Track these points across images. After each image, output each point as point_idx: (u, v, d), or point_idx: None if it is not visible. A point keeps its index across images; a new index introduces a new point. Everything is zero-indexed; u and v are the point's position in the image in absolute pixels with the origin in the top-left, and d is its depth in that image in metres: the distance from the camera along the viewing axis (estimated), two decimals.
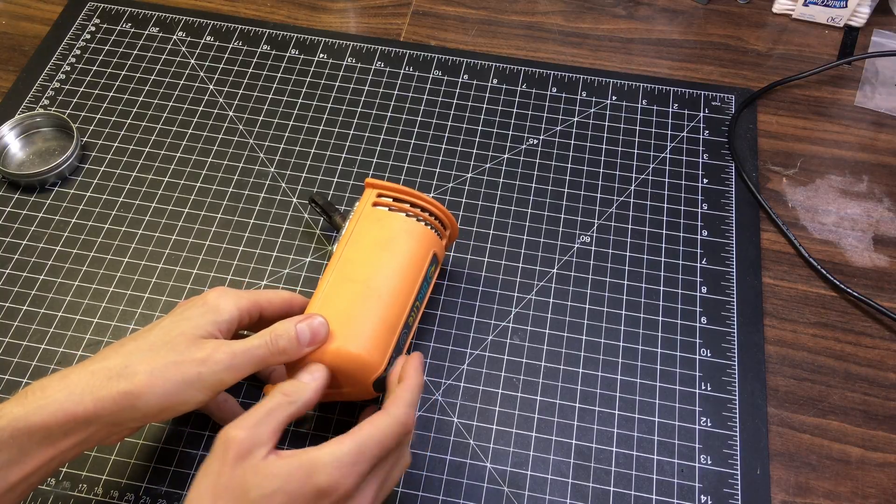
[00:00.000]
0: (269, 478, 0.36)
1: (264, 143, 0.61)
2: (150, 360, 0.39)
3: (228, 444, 0.36)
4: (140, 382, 0.38)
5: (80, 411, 0.37)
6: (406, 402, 0.40)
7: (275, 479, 0.36)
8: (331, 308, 0.43)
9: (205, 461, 0.37)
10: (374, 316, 0.43)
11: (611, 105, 0.64)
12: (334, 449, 0.37)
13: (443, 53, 0.67)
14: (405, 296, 0.45)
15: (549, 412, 0.49)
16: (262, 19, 0.69)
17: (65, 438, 0.38)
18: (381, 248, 0.46)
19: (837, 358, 0.52)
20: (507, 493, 0.47)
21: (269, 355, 0.40)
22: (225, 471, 0.36)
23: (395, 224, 0.47)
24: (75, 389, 0.38)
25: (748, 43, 0.68)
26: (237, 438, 0.36)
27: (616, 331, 0.53)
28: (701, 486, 0.47)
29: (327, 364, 0.41)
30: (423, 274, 0.46)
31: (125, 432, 0.41)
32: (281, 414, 0.38)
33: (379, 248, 0.46)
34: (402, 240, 0.46)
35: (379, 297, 0.44)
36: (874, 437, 0.49)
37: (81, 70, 0.65)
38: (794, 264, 0.56)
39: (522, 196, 0.59)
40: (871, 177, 0.60)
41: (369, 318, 0.43)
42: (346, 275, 0.45)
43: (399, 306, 0.44)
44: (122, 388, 0.38)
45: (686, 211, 0.58)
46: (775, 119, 0.64)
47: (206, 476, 0.36)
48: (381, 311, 0.43)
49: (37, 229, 0.57)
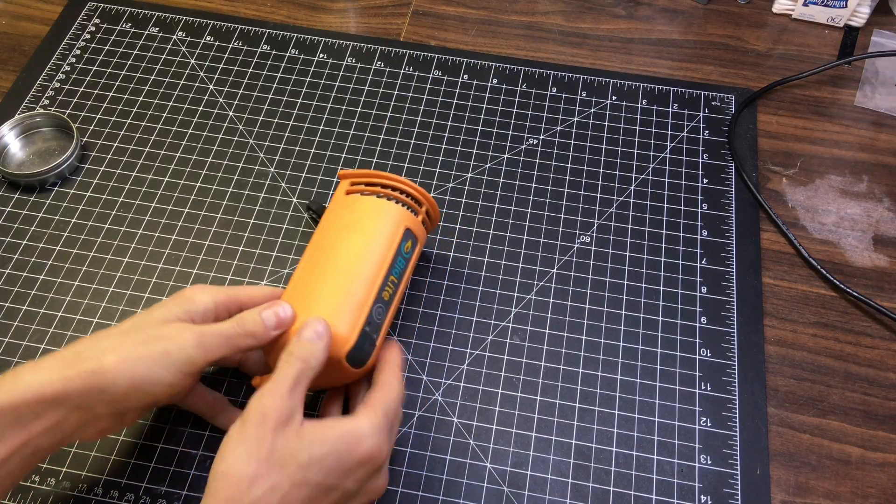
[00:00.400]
0: (318, 443, 0.38)
1: (264, 143, 0.61)
2: (119, 342, 0.40)
3: (266, 412, 0.37)
4: (107, 361, 0.39)
5: (48, 392, 0.38)
6: (394, 368, 0.44)
7: (324, 444, 0.38)
8: (297, 293, 0.44)
9: (235, 430, 0.37)
10: (338, 290, 0.44)
11: (611, 105, 0.64)
12: (371, 418, 0.40)
13: (443, 53, 0.67)
14: (373, 270, 0.45)
15: (548, 412, 0.50)
16: (262, 19, 0.69)
17: (35, 421, 0.38)
18: (349, 229, 0.46)
19: (837, 358, 0.52)
20: (507, 493, 0.47)
21: (236, 336, 0.41)
22: (267, 436, 0.37)
23: (364, 206, 0.47)
24: (45, 372, 0.38)
25: (748, 43, 0.68)
26: (275, 407, 0.37)
27: (616, 331, 0.53)
28: (701, 486, 0.47)
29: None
30: (395, 248, 0.46)
31: (101, 423, 0.41)
32: (304, 379, 0.39)
33: (347, 230, 0.46)
34: (370, 218, 0.47)
35: (344, 272, 0.44)
36: (874, 437, 0.49)
37: (81, 70, 0.65)
38: (794, 264, 0.56)
39: (522, 196, 0.59)
40: (871, 177, 0.60)
41: (333, 293, 0.43)
42: (315, 260, 0.45)
43: (366, 280, 0.44)
44: (89, 368, 0.38)
45: (686, 211, 0.58)
46: (775, 119, 0.64)
47: (242, 442, 0.37)
48: (346, 284, 0.44)
49: (37, 229, 0.57)
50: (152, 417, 0.49)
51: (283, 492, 0.36)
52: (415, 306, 0.53)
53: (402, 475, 0.47)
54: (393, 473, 0.47)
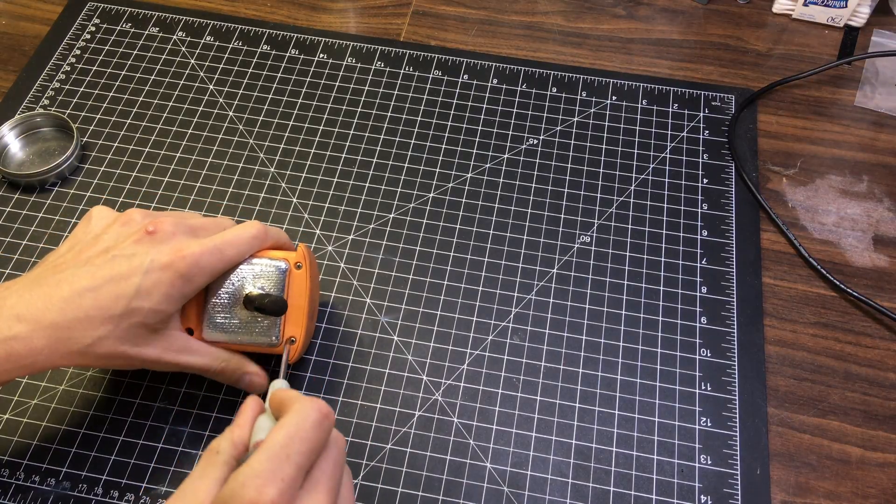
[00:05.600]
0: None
1: (264, 143, 0.61)
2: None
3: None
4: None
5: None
6: (299, 397, 0.37)
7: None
8: None
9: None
10: None
11: (611, 105, 0.64)
12: (251, 461, 0.33)
13: (443, 53, 0.67)
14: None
15: (549, 412, 0.50)
16: (261, 19, 0.69)
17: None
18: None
19: (837, 358, 0.52)
20: (507, 493, 0.47)
21: None
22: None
23: None
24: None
25: (748, 43, 0.68)
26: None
27: (616, 331, 0.53)
28: (701, 486, 0.47)
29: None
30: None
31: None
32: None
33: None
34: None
35: None
36: (874, 437, 0.49)
37: (81, 70, 0.65)
38: (794, 264, 0.56)
39: (522, 196, 0.59)
40: (871, 177, 0.60)
41: None
42: None
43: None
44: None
45: (686, 211, 0.58)
46: (775, 119, 0.64)
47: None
48: None
49: (37, 229, 0.57)
50: (152, 417, 0.49)
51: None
52: (414, 306, 0.53)
53: (402, 475, 0.47)
54: (393, 473, 0.47)
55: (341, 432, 0.48)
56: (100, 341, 0.41)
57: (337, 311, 0.53)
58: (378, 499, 0.46)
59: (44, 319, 0.39)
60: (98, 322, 0.40)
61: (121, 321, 0.41)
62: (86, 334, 0.40)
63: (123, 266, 0.41)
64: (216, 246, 0.43)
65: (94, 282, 0.40)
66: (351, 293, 0.54)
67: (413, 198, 0.58)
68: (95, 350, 0.41)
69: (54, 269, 0.41)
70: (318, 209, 0.58)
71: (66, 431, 0.48)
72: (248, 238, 0.45)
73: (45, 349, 0.39)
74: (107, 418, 0.49)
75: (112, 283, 0.40)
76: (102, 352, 0.41)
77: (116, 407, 0.49)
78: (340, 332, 0.52)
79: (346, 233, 0.57)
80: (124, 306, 0.40)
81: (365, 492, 0.46)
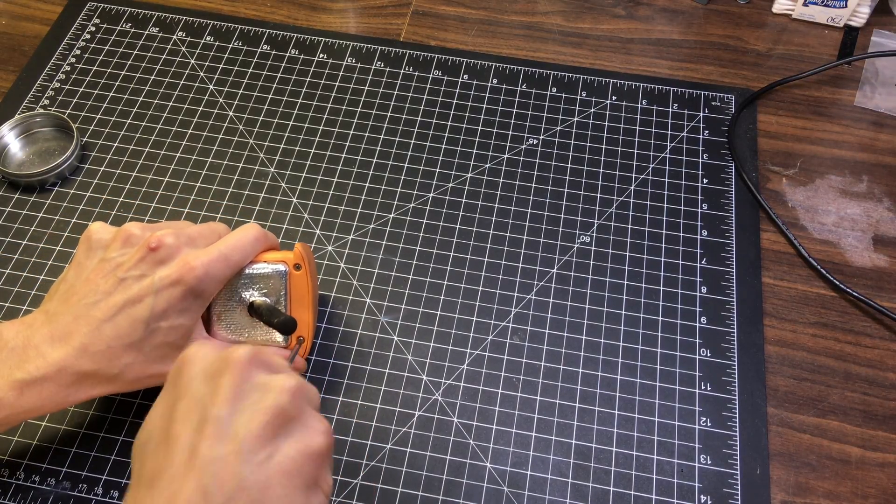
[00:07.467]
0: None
1: (264, 143, 0.61)
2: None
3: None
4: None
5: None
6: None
7: None
8: None
9: None
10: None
11: (611, 105, 0.64)
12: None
13: (443, 53, 0.67)
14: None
15: (548, 412, 0.50)
16: (261, 19, 0.69)
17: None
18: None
19: (837, 358, 0.52)
20: (507, 493, 0.47)
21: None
22: None
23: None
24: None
25: (748, 43, 0.68)
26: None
27: (616, 331, 0.53)
28: (701, 485, 0.47)
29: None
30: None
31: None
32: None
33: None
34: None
35: None
36: (874, 437, 0.49)
37: (81, 70, 0.65)
38: (793, 264, 0.56)
39: (522, 196, 0.59)
40: (871, 177, 0.60)
41: None
42: None
43: None
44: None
45: (686, 211, 0.58)
46: (775, 119, 0.64)
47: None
48: None
49: (37, 229, 0.57)
50: None
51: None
52: (414, 306, 0.53)
53: (402, 475, 0.47)
54: (393, 473, 0.47)
55: (341, 432, 0.48)
56: (127, 368, 0.41)
57: (337, 311, 0.53)
58: (378, 499, 0.46)
59: (69, 362, 0.40)
60: (121, 351, 0.41)
61: (143, 345, 0.41)
62: (112, 365, 0.41)
63: (134, 289, 0.41)
64: (221, 253, 0.43)
65: (109, 311, 0.40)
66: (351, 293, 0.54)
67: (413, 198, 0.58)
68: (125, 377, 0.41)
69: (66, 302, 0.41)
70: (318, 209, 0.58)
71: (66, 431, 0.48)
72: (251, 241, 0.45)
73: (73, 385, 0.40)
74: (107, 418, 0.49)
75: (126, 308, 0.41)
76: (132, 377, 0.42)
77: (116, 407, 0.49)
78: (340, 332, 0.52)
79: (346, 233, 0.57)
80: (143, 330, 0.41)
81: (365, 492, 0.46)
